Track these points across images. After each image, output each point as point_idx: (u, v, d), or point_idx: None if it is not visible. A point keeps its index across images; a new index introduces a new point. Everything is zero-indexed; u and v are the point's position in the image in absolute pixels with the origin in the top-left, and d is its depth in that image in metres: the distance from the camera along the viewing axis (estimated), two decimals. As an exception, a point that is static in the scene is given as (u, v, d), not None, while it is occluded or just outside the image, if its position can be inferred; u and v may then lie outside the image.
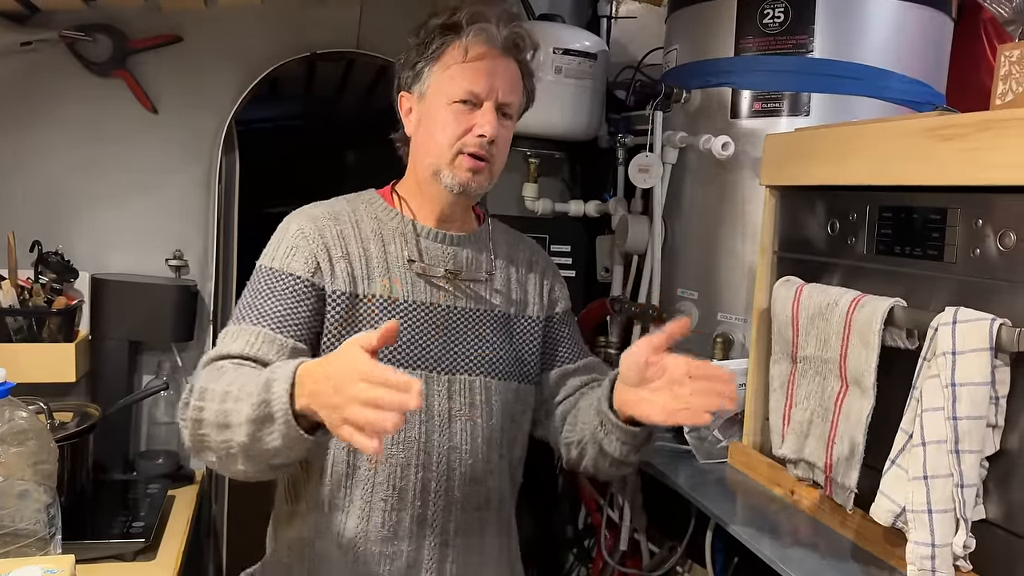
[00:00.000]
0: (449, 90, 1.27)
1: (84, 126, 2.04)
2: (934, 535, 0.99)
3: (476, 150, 1.27)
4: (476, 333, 1.35)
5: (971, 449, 0.97)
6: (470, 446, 1.31)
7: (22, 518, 1.21)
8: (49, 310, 1.89)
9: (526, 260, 1.45)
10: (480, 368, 1.33)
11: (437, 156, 1.29)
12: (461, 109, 1.26)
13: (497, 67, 1.27)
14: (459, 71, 1.26)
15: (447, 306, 1.33)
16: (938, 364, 1.00)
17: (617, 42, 2.26)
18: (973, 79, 1.69)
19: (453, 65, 1.27)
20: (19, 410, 1.34)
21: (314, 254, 1.28)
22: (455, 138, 1.27)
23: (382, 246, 1.32)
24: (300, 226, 1.31)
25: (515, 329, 1.40)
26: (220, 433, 1.10)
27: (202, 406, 1.12)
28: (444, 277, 1.33)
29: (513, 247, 1.45)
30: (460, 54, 1.26)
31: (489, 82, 1.26)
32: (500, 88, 1.27)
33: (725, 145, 1.58)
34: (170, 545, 1.72)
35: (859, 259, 1.25)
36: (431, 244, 1.34)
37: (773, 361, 1.39)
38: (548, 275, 1.47)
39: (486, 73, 1.26)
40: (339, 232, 1.31)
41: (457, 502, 1.31)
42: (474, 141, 1.26)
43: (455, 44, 1.27)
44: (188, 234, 2.12)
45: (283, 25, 2.11)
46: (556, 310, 1.46)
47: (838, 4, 1.52)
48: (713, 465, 1.53)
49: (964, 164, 1.03)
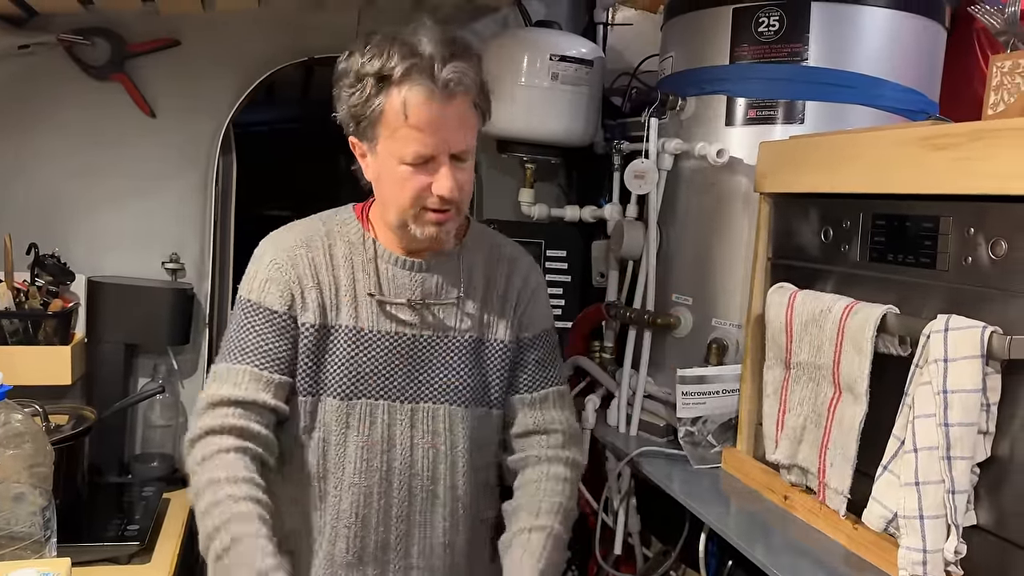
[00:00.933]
0: (398, 152, 1.21)
1: (82, 129, 2.04)
2: (925, 541, 1.00)
3: (438, 206, 1.24)
4: (442, 361, 1.33)
5: (962, 455, 0.98)
6: (431, 472, 1.32)
7: (17, 521, 1.21)
8: (45, 313, 1.89)
9: (504, 279, 1.39)
10: (444, 396, 1.33)
11: (400, 213, 1.26)
12: (414, 168, 1.21)
13: (444, 121, 1.19)
14: (404, 135, 1.19)
15: (412, 336, 1.32)
16: (930, 371, 1.01)
17: (613, 49, 2.27)
18: (966, 88, 1.70)
19: (397, 128, 1.19)
20: (15, 413, 1.34)
21: (288, 286, 1.29)
22: (414, 198, 1.23)
23: (351, 273, 1.32)
24: (273, 257, 1.31)
25: (484, 354, 1.36)
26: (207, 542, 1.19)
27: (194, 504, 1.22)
28: (408, 306, 1.32)
29: (491, 265, 1.39)
30: (401, 116, 1.18)
31: (436, 140, 1.19)
32: (450, 140, 1.20)
33: (720, 152, 1.59)
34: (165, 548, 1.72)
35: (852, 266, 1.26)
36: (398, 271, 1.32)
37: (767, 367, 1.40)
38: (525, 295, 1.40)
39: (432, 133, 1.19)
40: (311, 260, 1.31)
41: (419, 526, 1.32)
42: (435, 201, 1.23)
43: (393, 100, 1.18)
44: (185, 237, 2.12)
45: (281, 29, 2.12)
46: (525, 334, 1.39)
47: (832, 13, 1.53)
48: (707, 470, 1.54)
49: (956, 173, 1.05)
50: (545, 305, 1.45)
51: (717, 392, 1.52)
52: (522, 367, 1.39)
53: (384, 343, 1.31)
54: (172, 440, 2.10)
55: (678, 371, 1.52)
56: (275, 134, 3.79)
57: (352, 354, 1.30)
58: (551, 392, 1.40)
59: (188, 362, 2.14)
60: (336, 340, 1.30)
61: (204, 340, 2.14)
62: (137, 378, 2.10)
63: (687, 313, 1.70)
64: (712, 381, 1.53)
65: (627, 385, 1.79)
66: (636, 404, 1.77)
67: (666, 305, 1.75)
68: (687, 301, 1.70)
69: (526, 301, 1.40)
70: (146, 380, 2.09)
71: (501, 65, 1.92)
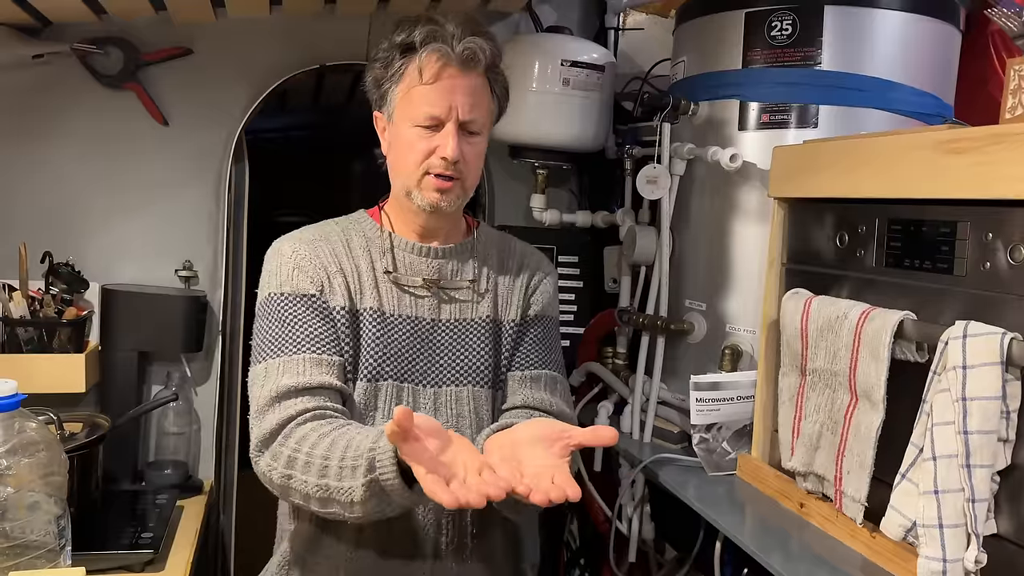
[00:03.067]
0: (410, 113, 1.27)
1: (95, 138, 2.05)
2: (945, 550, 0.98)
3: (441, 171, 1.28)
4: (462, 343, 1.36)
5: (982, 464, 0.97)
6: None
7: (32, 530, 1.22)
8: (59, 321, 1.89)
9: (516, 265, 1.44)
10: (466, 378, 1.35)
11: (406, 177, 1.31)
12: (424, 131, 1.27)
13: (456, 85, 1.25)
14: (418, 94, 1.25)
15: (431, 319, 1.35)
16: (948, 378, 0.99)
17: (624, 54, 2.27)
18: (981, 91, 1.69)
19: (412, 88, 1.26)
20: (29, 421, 1.34)
21: (316, 272, 1.32)
22: (420, 160, 1.28)
23: (370, 261, 1.35)
24: (294, 248, 1.34)
25: (501, 335, 1.40)
26: (324, 505, 1.16)
27: (291, 475, 1.18)
28: (424, 287, 1.35)
29: (504, 254, 1.45)
30: (417, 76, 1.25)
31: (447, 103, 1.25)
32: (459, 107, 1.26)
33: (733, 157, 1.58)
34: (178, 556, 1.72)
35: (868, 272, 1.25)
36: (414, 258, 1.36)
37: (782, 374, 1.38)
38: (536, 279, 1.44)
39: (443, 94, 1.25)
40: (331, 250, 1.34)
41: (446, 513, 1.31)
42: (438, 163, 1.27)
43: (412, 64, 1.26)
44: (198, 245, 2.12)
45: (293, 37, 2.13)
46: (529, 313, 1.42)
47: (846, 16, 1.53)
48: (722, 477, 1.53)
49: (974, 178, 1.03)
50: (553, 295, 1.47)
51: (732, 399, 1.51)
52: (519, 344, 1.41)
53: (405, 327, 1.33)
54: (186, 447, 2.11)
55: (692, 377, 1.51)
56: (287, 141, 3.80)
57: (378, 336, 1.31)
58: (544, 374, 1.40)
59: (201, 369, 2.14)
60: (365, 323, 1.32)
61: (217, 347, 2.14)
62: (151, 386, 2.10)
63: (700, 319, 1.69)
64: (726, 387, 1.51)
65: (640, 391, 1.78)
66: (650, 411, 1.76)
67: (679, 311, 1.74)
68: (700, 307, 1.69)
69: (536, 286, 1.44)
70: (159, 387, 2.09)
71: (512, 71, 1.91)
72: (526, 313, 1.42)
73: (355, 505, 1.12)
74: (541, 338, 1.43)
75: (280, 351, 1.27)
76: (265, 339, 1.29)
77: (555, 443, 1.08)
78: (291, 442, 1.19)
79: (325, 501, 1.15)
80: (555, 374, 1.42)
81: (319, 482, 1.14)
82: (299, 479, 1.17)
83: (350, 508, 1.13)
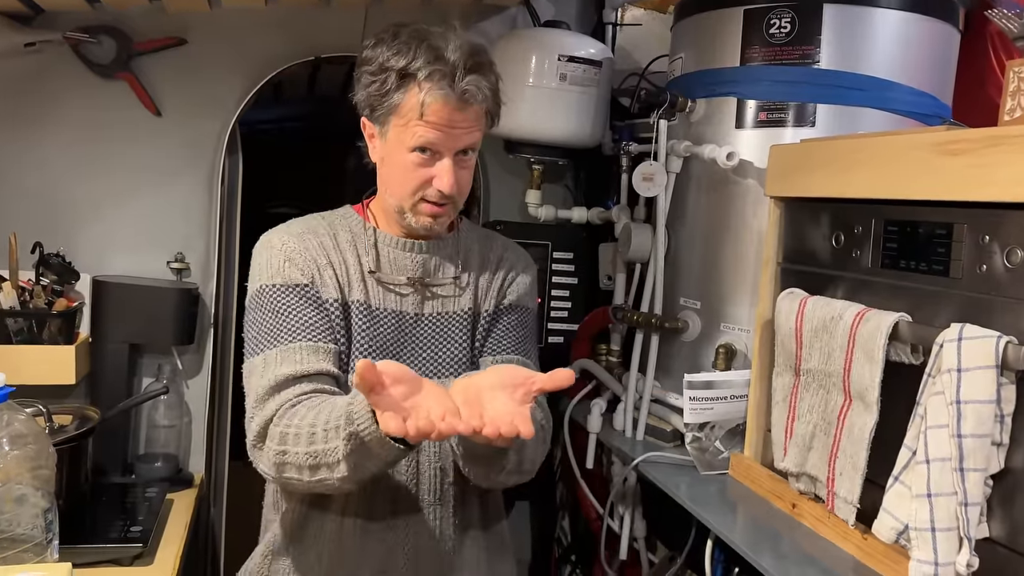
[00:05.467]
0: (408, 141, 1.26)
1: (87, 128, 2.04)
2: (937, 553, 0.98)
3: (436, 199, 1.29)
4: (442, 336, 1.37)
5: (976, 467, 0.96)
6: (438, 449, 1.34)
7: (19, 523, 1.20)
8: (50, 312, 1.88)
9: (496, 259, 1.44)
10: (447, 370, 1.36)
11: (399, 200, 1.31)
12: (420, 158, 1.26)
13: (455, 121, 1.25)
14: (416, 128, 1.25)
15: (415, 314, 1.36)
16: (943, 381, 0.99)
17: (622, 49, 2.25)
18: (979, 92, 1.68)
19: (411, 121, 1.25)
20: (17, 414, 1.33)
21: (306, 264, 1.32)
22: (415, 188, 1.28)
23: (356, 256, 1.35)
24: (283, 241, 1.34)
25: (476, 326, 1.41)
26: (314, 473, 1.17)
27: (284, 450, 1.19)
28: (408, 284, 1.36)
29: (486, 249, 1.45)
30: (417, 112, 1.23)
31: (447, 137, 1.25)
32: (458, 138, 1.26)
33: (730, 155, 1.57)
34: (168, 549, 1.71)
35: (864, 272, 1.24)
36: (399, 253, 1.36)
37: (776, 373, 1.38)
38: (512, 273, 1.44)
39: (444, 128, 1.24)
40: (319, 243, 1.34)
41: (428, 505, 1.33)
42: (434, 194, 1.28)
43: (411, 97, 1.24)
44: (190, 237, 2.11)
45: (288, 28, 2.11)
46: (504, 302, 1.42)
47: (845, 15, 1.52)
48: (714, 476, 1.53)
49: (971, 179, 1.03)
50: (530, 287, 1.47)
51: (725, 397, 1.51)
52: (492, 332, 1.41)
53: (390, 321, 1.34)
54: (176, 440, 2.10)
55: (686, 376, 1.50)
56: (281, 133, 3.78)
57: (366, 329, 1.32)
58: (516, 359, 1.40)
59: (193, 362, 2.13)
60: (354, 316, 1.33)
61: (209, 340, 2.13)
62: (141, 378, 2.09)
63: (695, 317, 1.69)
64: (720, 386, 1.51)
65: (634, 389, 1.78)
66: (643, 408, 1.76)
67: (674, 309, 1.74)
68: (695, 305, 1.69)
69: (513, 278, 1.44)
70: (150, 380, 2.08)
71: (509, 65, 1.91)
72: (500, 303, 1.42)
73: (340, 464, 1.13)
74: (514, 326, 1.43)
75: (276, 341, 1.27)
76: (260, 331, 1.29)
77: (517, 389, 1.09)
78: (284, 420, 1.20)
79: (315, 468, 1.16)
80: (527, 361, 1.42)
81: (308, 450, 1.15)
82: (292, 452, 1.18)
83: (336, 469, 1.14)
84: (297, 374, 1.24)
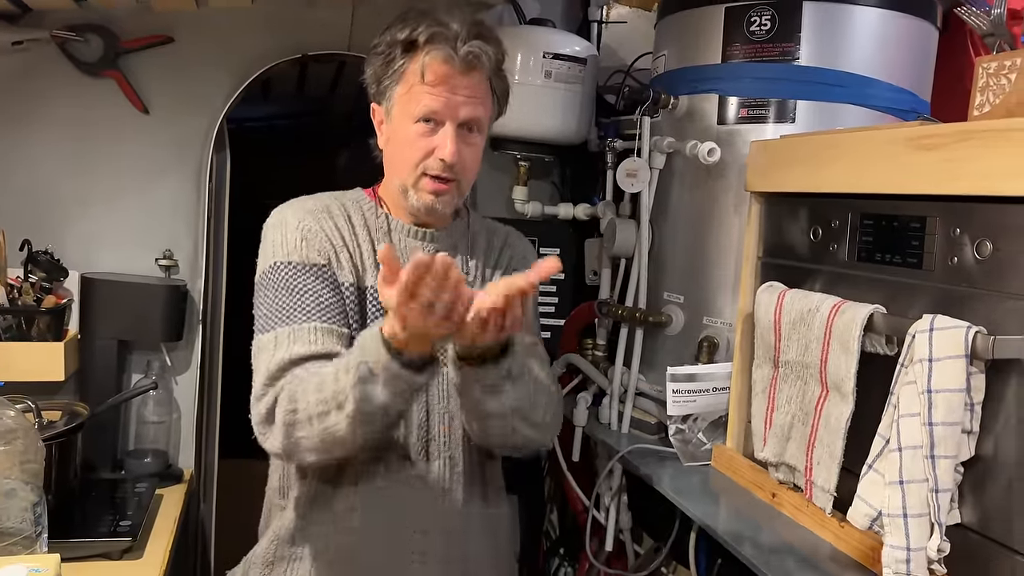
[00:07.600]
0: (410, 109, 1.26)
1: (75, 126, 2.04)
2: (909, 539, 1.00)
3: (438, 172, 1.28)
4: None
5: (946, 455, 0.98)
6: (447, 438, 1.33)
7: (8, 517, 1.21)
8: (38, 309, 1.89)
9: (500, 246, 1.45)
10: None
11: (403, 176, 1.30)
12: (423, 129, 1.26)
13: (457, 85, 1.24)
14: (419, 91, 1.25)
15: None
16: (915, 371, 1.01)
17: (607, 47, 2.27)
18: (959, 88, 1.70)
19: (414, 85, 1.25)
20: (7, 409, 1.34)
21: (323, 244, 1.30)
22: (418, 160, 1.27)
23: (370, 241, 1.35)
24: (300, 219, 1.32)
25: None
26: (322, 420, 1.14)
27: (294, 408, 1.17)
28: None
29: (491, 235, 1.46)
30: (419, 76, 1.24)
31: (448, 103, 1.24)
32: (461, 107, 1.25)
33: (711, 151, 1.59)
34: (157, 544, 1.72)
35: (841, 266, 1.27)
36: (410, 241, 1.36)
37: (756, 365, 1.40)
38: (518, 255, 1.46)
39: (445, 93, 1.24)
40: (335, 224, 1.33)
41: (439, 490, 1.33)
42: (436, 164, 1.27)
43: (414, 64, 1.25)
44: (178, 234, 2.12)
45: (274, 27, 2.12)
46: None
47: (824, 13, 1.54)
48: (697, 467, 1.55)
49: (943, 174, 1.05)
50: None
51: (707, 390, 1.53)
52: None
53: None
54: (165, 436, 2.11)
55: (669, 369, 1.52)
56: (269, 131, 3.79)
57: (381, 314, 1.29)
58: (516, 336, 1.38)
59: (181, 358, 2.14)
60: (370, 302, 1.32)
61: (197, 337, 2.14)
62: (130, 374, 2.10)
63: (678, 311, 1.71)
64: (702, 379, 1.53)
65: (619, 382, 1.80)
66: (628, 401, 1.78)
67: (658, 303, 1.76)
68: (679, 299, 1.71)
69: (518, 262, 1.44)
70: (139, 376, 2.09)
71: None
72: None
73: (347, 404, 1.11)
74: None
75: (290, 319, 1.24)
76: (272, 308, 1.27)
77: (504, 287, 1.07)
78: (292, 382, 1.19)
79: (324, 415, 1.14)
80: (534, 339, 1.41)
81: (318, 396, 1.14)
82: (302, 404, 1.16)
83: (345, 406, 1.12)
84: (310, 354, 1.21)
